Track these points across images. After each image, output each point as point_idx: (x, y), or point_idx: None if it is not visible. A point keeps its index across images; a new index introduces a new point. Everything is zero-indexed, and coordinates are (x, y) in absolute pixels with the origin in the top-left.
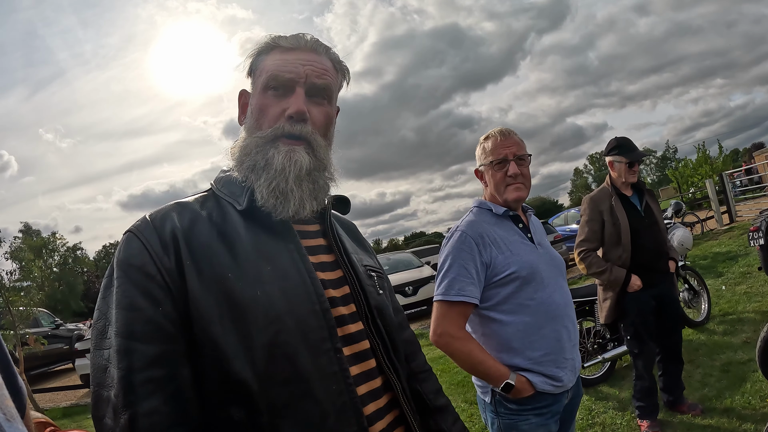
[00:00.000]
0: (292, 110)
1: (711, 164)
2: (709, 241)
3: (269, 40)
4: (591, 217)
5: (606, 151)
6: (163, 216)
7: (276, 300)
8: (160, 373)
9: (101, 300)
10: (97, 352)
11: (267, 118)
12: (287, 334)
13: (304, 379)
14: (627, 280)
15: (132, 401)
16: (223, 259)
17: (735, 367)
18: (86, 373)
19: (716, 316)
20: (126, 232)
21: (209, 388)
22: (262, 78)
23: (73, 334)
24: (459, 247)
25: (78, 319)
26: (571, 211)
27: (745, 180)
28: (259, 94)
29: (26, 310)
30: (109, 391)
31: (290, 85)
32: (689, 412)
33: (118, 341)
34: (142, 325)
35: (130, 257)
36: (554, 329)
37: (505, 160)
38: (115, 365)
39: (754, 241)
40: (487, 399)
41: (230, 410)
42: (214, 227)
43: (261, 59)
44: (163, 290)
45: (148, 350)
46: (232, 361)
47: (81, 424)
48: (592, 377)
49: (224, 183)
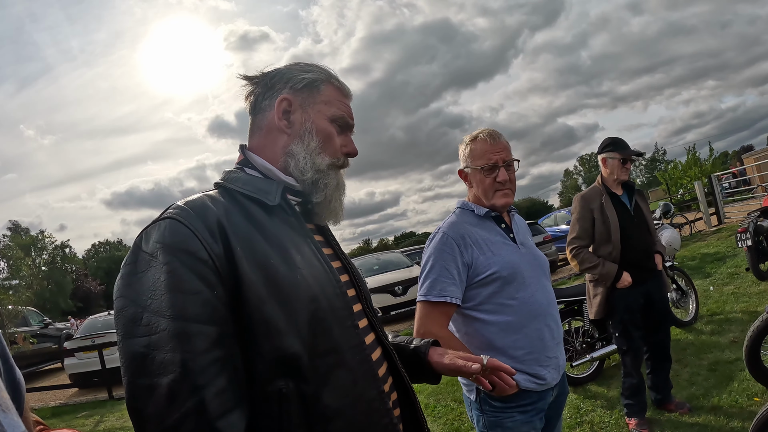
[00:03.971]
0: (352, 151)
1: (700, 166)
2: (698, 242)
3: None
4: (582, 214)
5: (599, 149)
6: (201, 205)
7: (311, 282)
8: (222, 354)
9: (126, 287)
10: (130, 340)
11: (331, 147)
12: (323, 312)
13: (338, 351)
14: (618, 276)
15: (201, 384)
16: (262, 246)
17: (722, 366)
18: (75, 372)
19: (704, 316)
20: (165, 218)
21: (260, 366)
22: (332, 110)
23: (62, 333)
24: (440, 248)
25: (66, 318)
26: (560, 212)
27: (733, 182)
28: (326, 121)
29: (15, 308)
30: (158, 378)
31: (349, 128)
32: (677, 410)
33: (174, 325)
34: (200, 307)
35: (180, 242)
36: (536, 328)
37: (495, 167)
38: (172, 349)
39: (742, 242)
40: (472, 397)
41: (279, 383)
42: (244, 218)
43: (322, 86)
44: (215, 274)
45: (210, 332)
46: (285, 336)
47: (70, 424)
48: (580, 376)
49: (246, 181)
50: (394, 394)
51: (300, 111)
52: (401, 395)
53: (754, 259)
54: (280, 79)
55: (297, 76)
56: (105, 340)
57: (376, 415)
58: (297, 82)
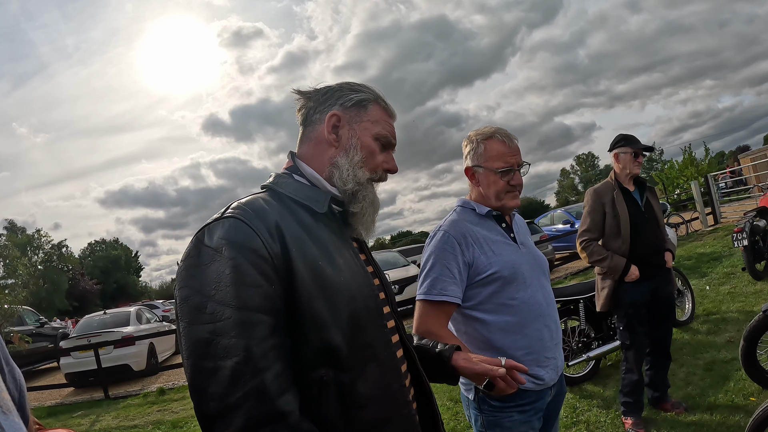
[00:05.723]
0: (392, 168)
1: (697, 166)
2: (694, 242)
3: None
4: (593, 208)
5: (611, 146)
6: (260, 208)
7: (351, 284)
8: (279, 341)
9: (190, 278)
10: (195, 327)
11: (373, 163)
12: (360, 310)
13: (372, 345)
14: (626, 269)
15: (263, 366)
16: (312, 248)
17: (719, 365)
18: (71, 372)
19: (700, 316)
20: (228, 218)
21: (306, 354)
22: (377, 129)
23: (57, 332)
24: (441, 246)
25: (62, 317)
26: (557, 211)
27: (730, 182)
28: (371, 138)
29: (10, 307)
30: (222, 360)
31: (391, 147)
32: (673, 410)
33: (239, 314)
34: (262, 299)
35: (244, 240)
36: (536, 328)
37: (512, 170)
38: (237, 335)
39: (738, 242)
40: (470, 396)
41: (321, 371)
42: (296, 222)
43: (370, 105)
44: (274, 271)
45: (269, 321)
46: (330, 330)
47: (66, 423)
48: (576, 376)
49: (295, 188)
50: (411, 390)
51: (348, 127)
52: (418, 392)
53: (750, 258)
54: (331, 96)
55: (347, 94)
56: (101, 339)
57: (398, 405)
58: (347, 100)
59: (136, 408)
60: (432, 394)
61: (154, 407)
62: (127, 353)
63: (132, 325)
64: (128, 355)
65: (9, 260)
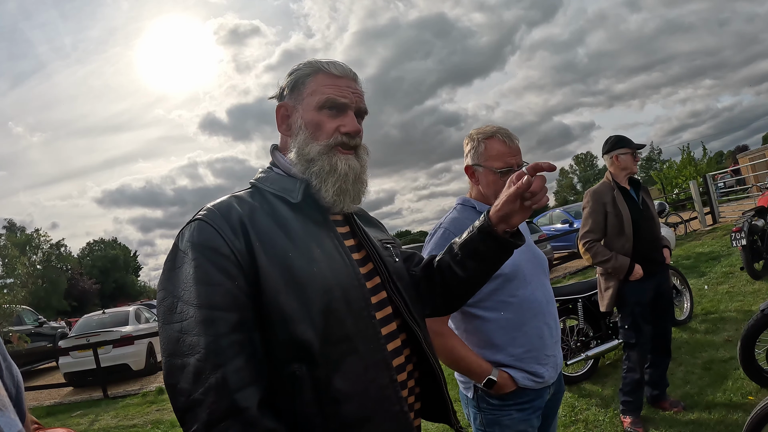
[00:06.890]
0: (349, 129)
1: (695, 166)
2: (693, 242)
3: (315, 65)
4: (594, 209)
5: (608, 149)
6: (226, 206)
7: (327, 275)
8: (241, 337)
9: (166, 281)
10: (168, 326)
11: (323, 132)
12: (337, 302)
13: (350, 339)
14: (630, 269)
15: (221, 362)
16: (282, 241)
17: (717, 365)
18: (70, 371)
19: (698, 315)
20: (193, 221)
21: (276, 349)
22: (316, 98)
23: (56, 332)
24: (442, 243)
25: (62, 317)
26: (556, 210)
27: (732, 181)
28: (314, 111)
29: (9, 307)
30: (187, 357)
31: (343, 107)
32: (671, 409)
33: (200, 312)
34: (221, 296)
35: (205, 240)
36: (536, 326)
37: (511, 170)
38: (198, 333)
39: (737, 241)
40: (469, 394)
41: (293, 366)
42: (269, 216)
43: (308, 80)
44: (236, 267)
45: (230, 318)
46: (298, 324)
47: (65, 423)
48: (575, 375)
49: (273, 180)
50: (411, 382)
51: (294, 113)
52: (428, 381)
53: (749, 258)
54: (280, 91)
55: (286, 82)
56: (100, 339)
57: (387, 402)
58: (285, 87)
59: (135, 407)
60: (442, 381)
61: (153, 406)
62: (126, 353)
63: (131, 324)
64: (127, 354)
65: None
